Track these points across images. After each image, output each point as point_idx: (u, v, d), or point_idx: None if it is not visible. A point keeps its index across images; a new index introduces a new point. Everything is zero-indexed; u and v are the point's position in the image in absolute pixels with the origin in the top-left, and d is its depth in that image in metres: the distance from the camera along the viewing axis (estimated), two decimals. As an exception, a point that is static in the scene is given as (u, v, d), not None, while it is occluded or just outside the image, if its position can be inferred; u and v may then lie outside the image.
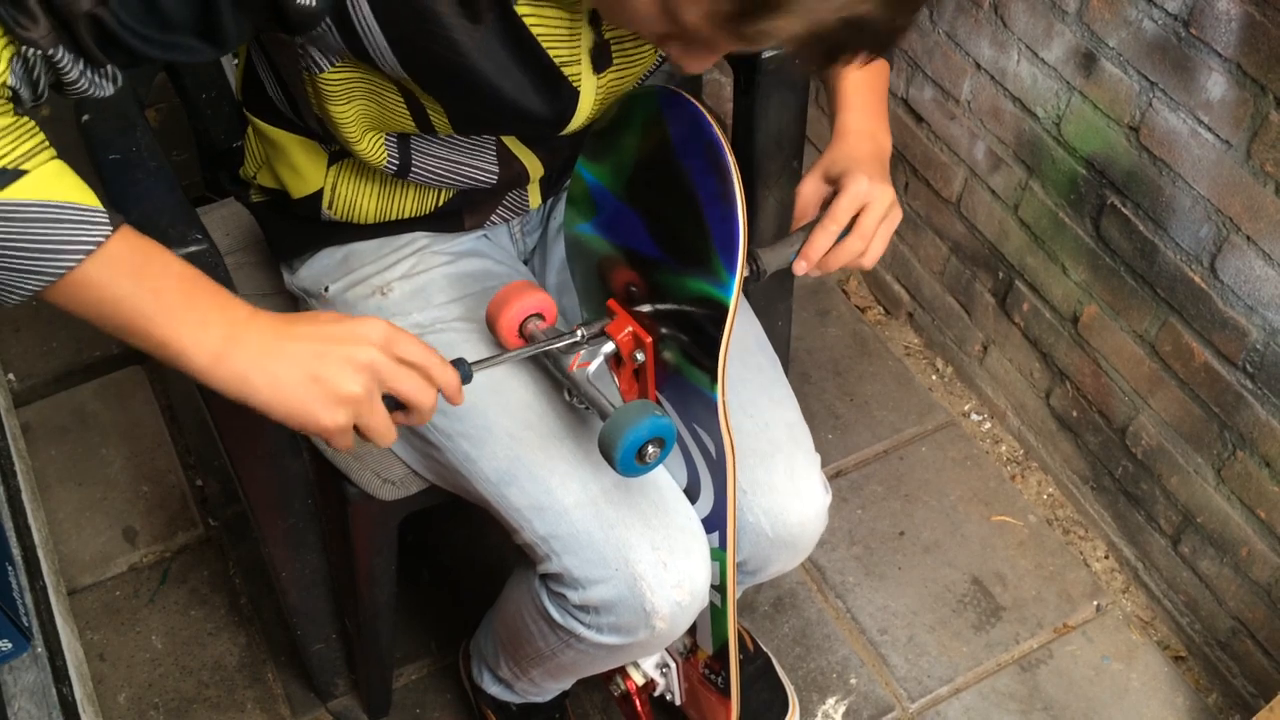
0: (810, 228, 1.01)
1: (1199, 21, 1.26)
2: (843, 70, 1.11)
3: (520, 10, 0.89)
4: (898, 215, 1.03)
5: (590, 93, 0.97)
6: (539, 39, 0.91)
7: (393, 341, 0.85)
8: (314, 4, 0.84)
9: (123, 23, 0.79)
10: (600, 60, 0.96)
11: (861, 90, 1.11)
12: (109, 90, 0.84)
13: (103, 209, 0.78)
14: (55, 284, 0.78)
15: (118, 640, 1.58)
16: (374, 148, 1.02)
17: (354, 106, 0.98)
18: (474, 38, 0.88)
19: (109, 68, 0.83)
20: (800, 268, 1.01)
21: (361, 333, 0.84)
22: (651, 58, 1.00)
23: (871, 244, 1.01)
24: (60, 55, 0.78)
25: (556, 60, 0.93)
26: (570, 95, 0.96)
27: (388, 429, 0.86)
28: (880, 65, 1.13)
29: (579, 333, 0.99)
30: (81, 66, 0.80)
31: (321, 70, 0.93)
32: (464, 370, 0.91)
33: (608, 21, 0.94)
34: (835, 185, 1.03)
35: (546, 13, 0.90)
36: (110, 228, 0.78)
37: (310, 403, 0.82)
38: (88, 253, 0.77)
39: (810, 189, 1.06)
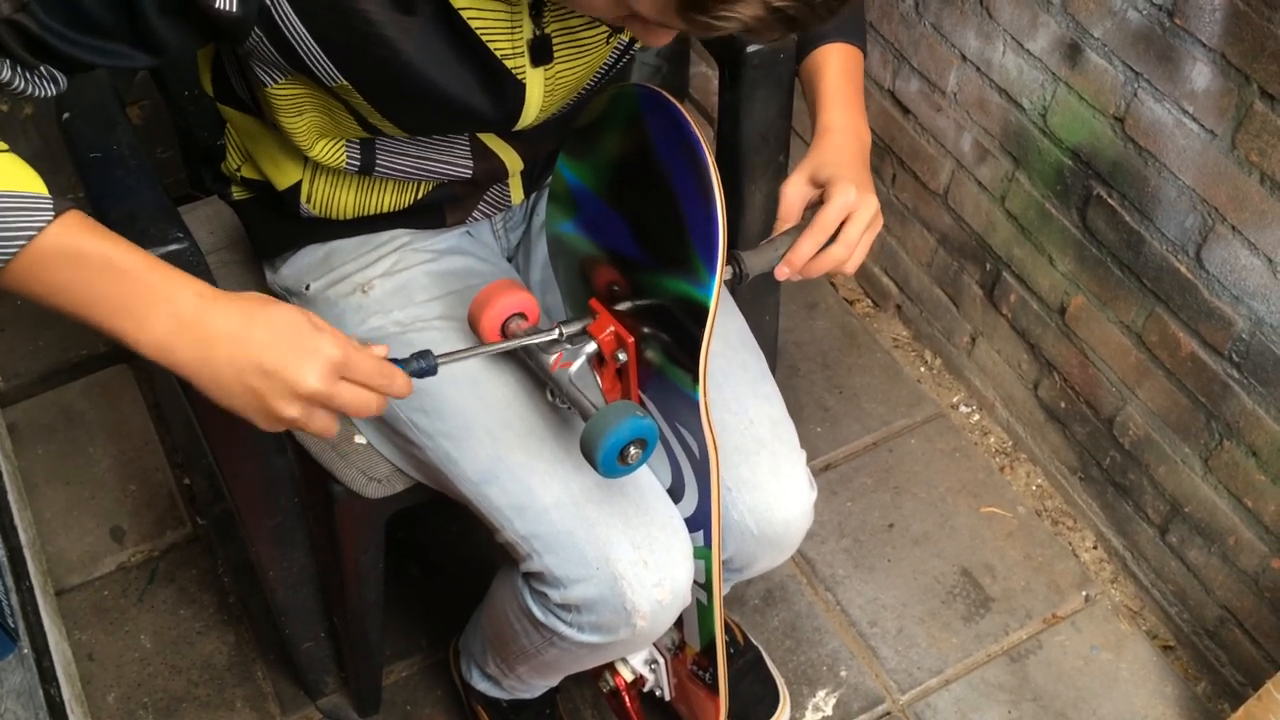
0: (794, 233, 1.01)
1: (1183, 11, 1.26)
2: (822, 65, 1.11)
3: (457, 3, 0.88)
4: (879, 224, 1.03)
5: (538, 86, 0.96)
6: (478, 32, 0.90)
7: (343, 366, 0.82)
8: (234, 10, 0.83)
9: (47, 28, 0.78)
10: (540, 54, 0.94)
11: (842, 85, 1.10)
12: (51, 91, 0.84)
13: (46, 196, 0.77)
14: (2, 272, 0.77)
15: (106, 640, 1.58)
16: (329, 151, 1.02)
17: (304, 120, 0.98)
18: (409, 32, 0.87)
19: (45, 69, 0.82)
20: (783, 273, 1.01)
21: (312, 358, 0.81)
22: (604, 51, 1.00)
23: (854, 252, 1.01)
24: None
25: (498, 53, 0.92)
26: (516, 90, 0.95)
27: (327, 428, 0.84)
28: (856, 56, 1.13)
29: (557, 330, 0.98)
30: (15, 69, 0.80)
31: (268, 85, 0.93)
32: (429, 363, 0.90)
33: (566, 7, 0.93)
34: (821, 189, 1.03)
35: (484, 5, 0.89)
36: (51, 214, 0.76)
37: (248, 410, 0.82)
38: (29, 238, 0.76)
39: (795, 191, 1.05)
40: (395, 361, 0.88)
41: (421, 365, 0.90)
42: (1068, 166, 1.51)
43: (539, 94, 0.97)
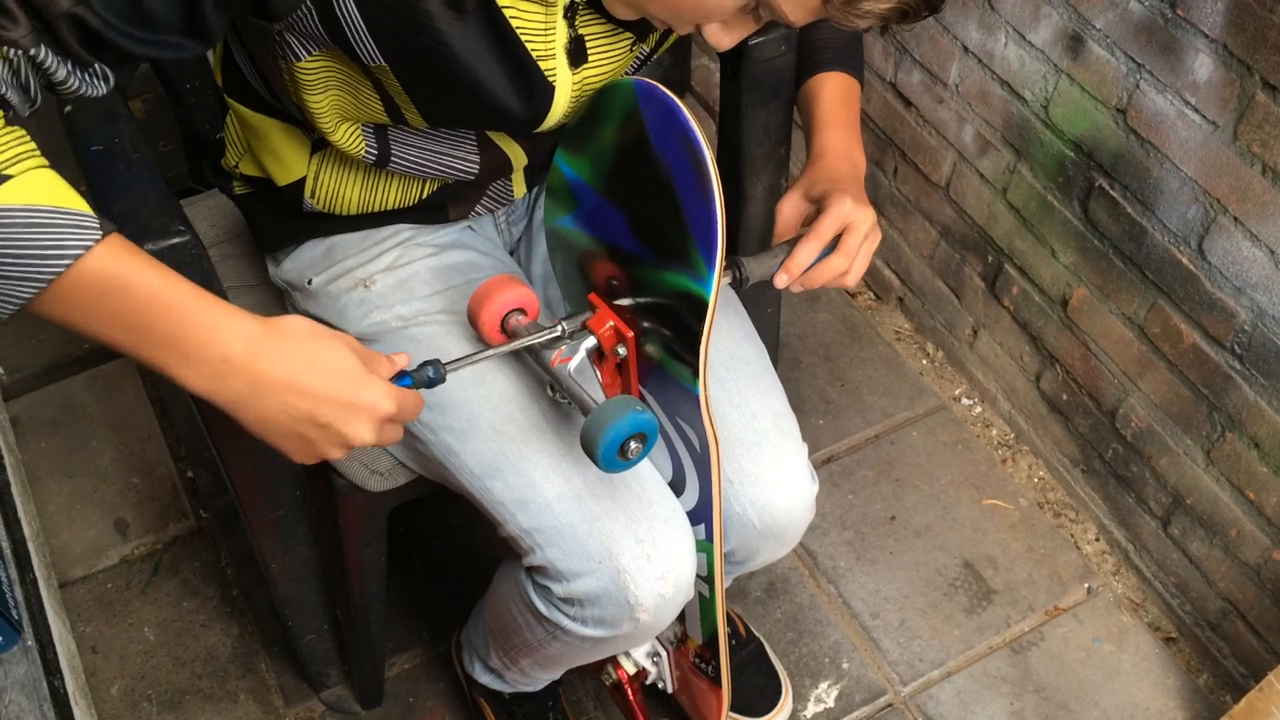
0: (794, 242, 1.03)
1: (1186, 2, 1.26)
2: (818, 91, 1.14)
3: (500, 2, 0.89)
4: (878, 236, 1.04)
5: (566, 89, 0.97)
6: (517, 32, 0.91)
7: (393, 416, 0.85)
8: None
9: (106, 22, 0.78)
10: (576, 56, 0.95)
11: (838, 109, 1.13)
12: (102, 89, 0.83)
13: (92, 214, 0.76)
14: (46, 292, 0.76)
15: (110, 632, 1.58)
16: (350, 138, 1.02)
17: (328, 97, 0.97)
18: (455, 27, 0.88)
19: (98, 66, 0.82)
20: (782, 281, 1.02)
21: (367, 415, 0.83)
22: (628, 58, 1.00)
23: (854, 263, 1.03)
24: (44, 56, 0.77)
25: (533, 54, 0.93)
26: (545, 90, 0.95)
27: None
28: (853, 85, 1.15)
29: (560, 327, 0.98)
30: (69, 66, 0.79)
31: (299, 59, 0.92)
32: (437, 372, 0.90)
33: (597, 11, 0.94)
34: (817, 204, 1.04)
35: (524, 6, 0.90)
36: (99, 233, 0.76)
37: (292, 451, 0.85)
38: (76, 256, 0.75)
39: (791, 207, 1.07)
40: (403, 373, 0.89)
41: (430, 375, 0.90)
42: (1069, 158, 1.50)
43: (566, 97, 0.97)
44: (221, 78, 1.09)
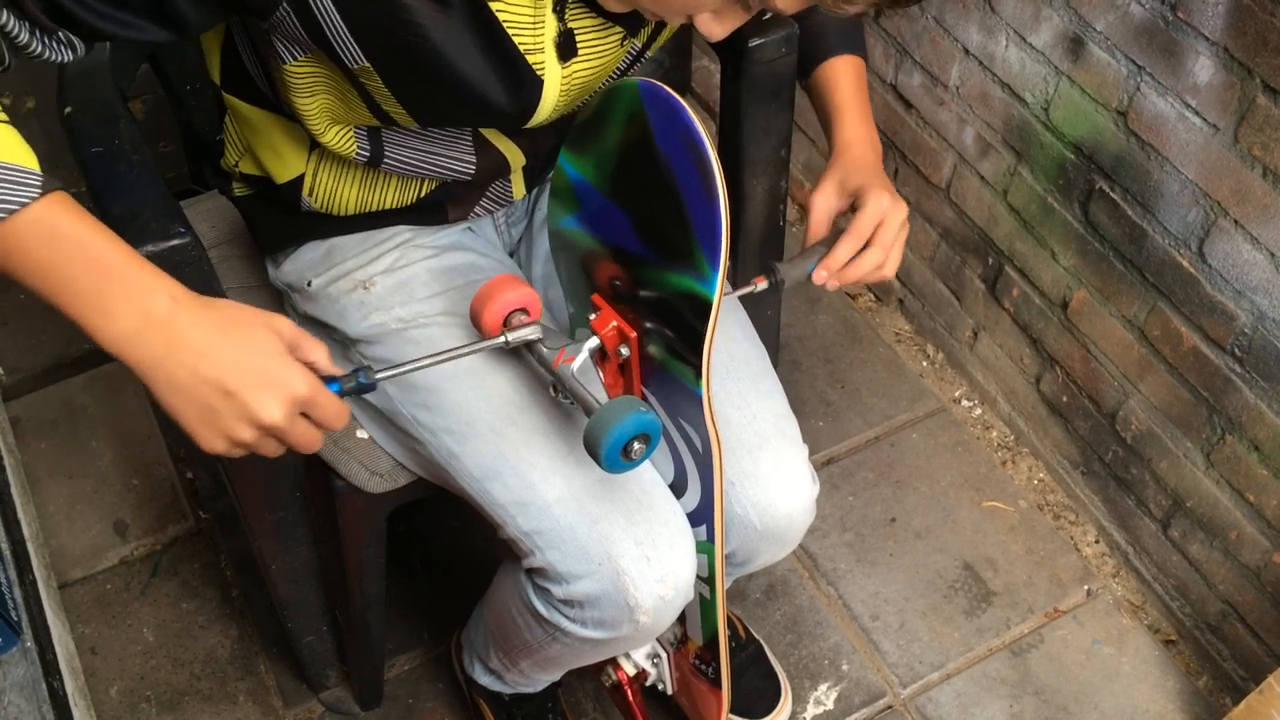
0: (829, 242, 1.04)
1: (1186, 5, 1.26)
2: (835, 79, 1.14)
3: None
4: (907, 230, 1.05)
5: (555, 83, 0.96)
6: (504, 25, 0.90)
7: (308, 404, 0.82)
8: None
9: None
10: (565, 50, 0.95)
11: (855, 96, 1.13)
12: (68, 56, 0.83)
13: (36, 171, 0.76)
14: None
15: (109, 633, 1.58)
16: (341, 139, 1.01)
17: (317, 100, 0.97)
18: (438, 20, 0.87)
19: (63, 34, 0.82)
20: (820, 276, 1.03)
21: (278, 390, 0.80)
22: (618, 54, 1.00)
23: (890, 256, 1.04)
24: (7, 21, 0.77)
25: (521, 48, 0.92)
26: (534, 85, 0.95)
27: (275, 453, 0.84)
28: (862, 66, 1.16)
29: (505, 336, 0.97)
30: (34, 32, 0.79)
31: (285, 63, 0.92)
32: (364, 380, 0.88)
33: (587, 6, 0.94)
34: (852, 199, 1.05)
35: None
36: (39, 190, 0.75)
37: (196, 424, 0.81)
38: (10, 212, 0.75)
39: (824, 202, 1.08)
40: (331, 379, 0.86)
41: (359, 381, 0.88)
42: (1070, 160, 1.50)
43: (555, 91, 0.97)
44: (220, 74, 1.08)
